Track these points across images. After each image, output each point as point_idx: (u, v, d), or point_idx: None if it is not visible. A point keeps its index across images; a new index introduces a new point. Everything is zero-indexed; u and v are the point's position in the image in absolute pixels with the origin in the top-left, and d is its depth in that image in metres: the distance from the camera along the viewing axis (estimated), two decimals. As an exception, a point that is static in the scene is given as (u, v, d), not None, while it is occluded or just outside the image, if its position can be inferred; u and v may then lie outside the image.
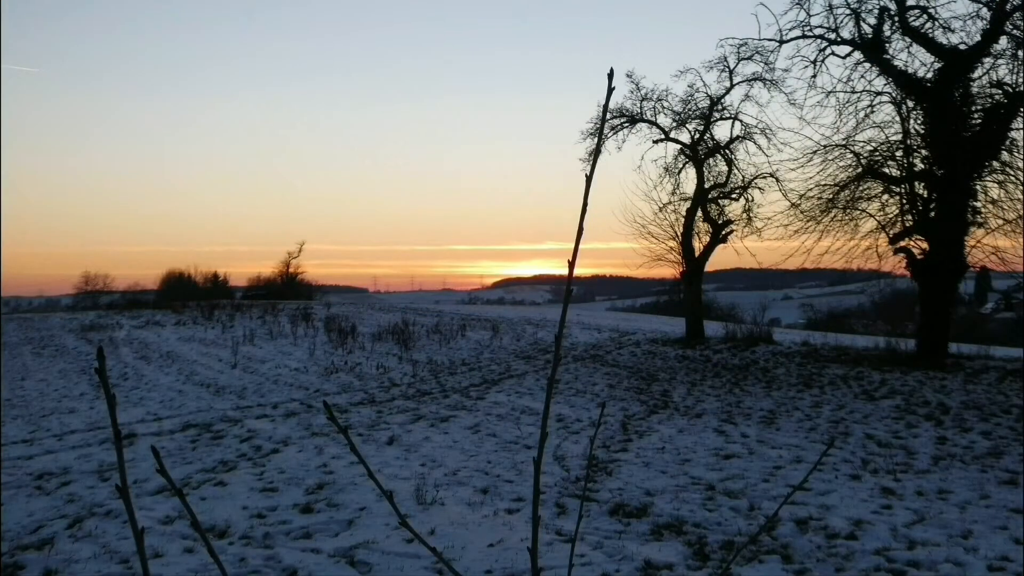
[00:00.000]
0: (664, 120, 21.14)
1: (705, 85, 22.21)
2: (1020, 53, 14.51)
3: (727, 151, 20.85)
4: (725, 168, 21.03)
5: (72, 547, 5.56)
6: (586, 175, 1.09)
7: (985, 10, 14.85)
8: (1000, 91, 14.97)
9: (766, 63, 18.73)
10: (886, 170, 16.52)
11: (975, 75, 15.16)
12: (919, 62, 15.90)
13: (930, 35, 15.47)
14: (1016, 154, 15.19)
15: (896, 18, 15.67)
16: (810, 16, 16.58)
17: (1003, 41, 14.78)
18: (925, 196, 16.10)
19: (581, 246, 1.10)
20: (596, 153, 1.13)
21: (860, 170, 16.33)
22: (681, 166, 21.50)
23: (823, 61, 16.70)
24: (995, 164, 15.33)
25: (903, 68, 15.81)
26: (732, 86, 19.98)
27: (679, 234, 21.09)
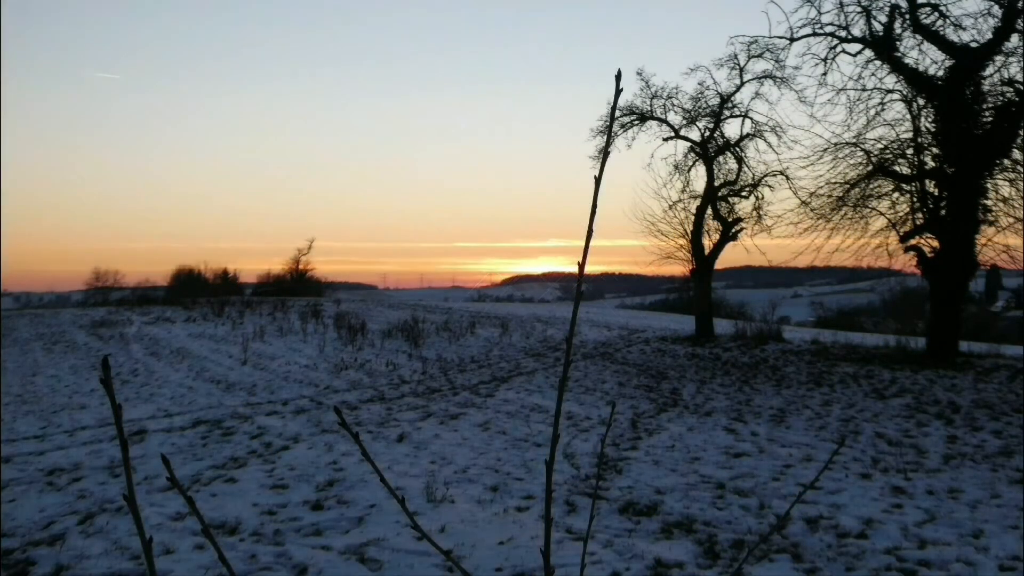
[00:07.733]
0: (674, 118, 21.09)
1: (715, 83, 22.19)
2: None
3: (737, 149, 20.79)
4: (735, 166, 20.97)
5: (83, 543, 5.60)
6: (595, 177, 1.10)
7: (997, 7, 14.76)
8: (1011, 89, 14.87)
9: (776, 61, 18.69)
10: (896, 168, 16.45)
11: (986, 73, 15.07)
12: (930, 60, 15.84)
13: (941, 33, 15.40)
14: (1027, 152, 15.11)
15: (907, 16, 15.59)
16: (821, 14, 16.52)
17: (1015, 39, 14.69)
18: (936, 194, 16.03)
19: (591, 244, 1.10)
20: (604, 156, 1.14)
21: (870, 168, 16.26)
22: (691, 164, 21.45)
23: (834, 59, 16.64)
24: (1006, 162, 15.24)
25: (914, 66, 15.73)
26: (742, 84, 19.93)
27: (689, 232, 21.05)
